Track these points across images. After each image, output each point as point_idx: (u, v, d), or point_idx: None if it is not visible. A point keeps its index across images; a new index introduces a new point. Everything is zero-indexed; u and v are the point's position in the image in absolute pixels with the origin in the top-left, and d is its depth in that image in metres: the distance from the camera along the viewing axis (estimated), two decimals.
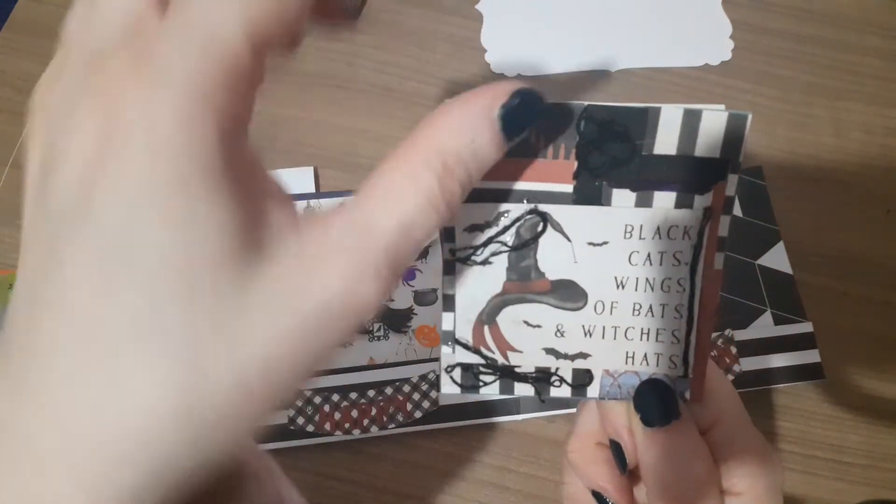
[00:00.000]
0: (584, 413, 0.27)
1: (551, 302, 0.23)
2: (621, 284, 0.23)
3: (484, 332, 0.24)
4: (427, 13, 0.54)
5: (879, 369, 0.43)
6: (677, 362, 0.23)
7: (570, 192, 0.22)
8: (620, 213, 0.22)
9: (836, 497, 0.40)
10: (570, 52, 0.53)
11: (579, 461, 0.26)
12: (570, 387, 0.24)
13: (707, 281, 0.22)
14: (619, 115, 0.21)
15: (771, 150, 0.49)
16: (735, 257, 0.44)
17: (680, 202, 0.22)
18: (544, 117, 0.21)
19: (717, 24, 0.54)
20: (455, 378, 0.24)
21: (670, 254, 0.22)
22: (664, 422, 0.23)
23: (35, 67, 0.52)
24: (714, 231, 0.22)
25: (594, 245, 0.22)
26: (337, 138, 0.50)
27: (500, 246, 0.22)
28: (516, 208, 0.22)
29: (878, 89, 0.51)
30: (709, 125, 0.21)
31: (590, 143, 0.21)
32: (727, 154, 0.21)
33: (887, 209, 0.47)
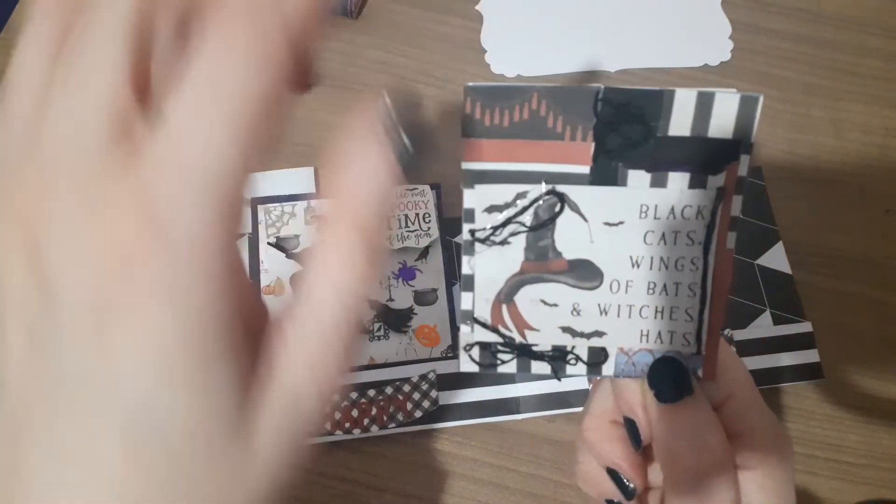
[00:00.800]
0: (598, 392, 0.27)
1: (568, 281, 0.23)
2: (636, 263, 0.23)
3: (502, 311, 0.24)
4: (427, 13, 0.54)
5: (878, 369, 0.43)
6: (690, 340, 0.24)
7: (587, 174, 0.22)
8: (636, 194, 0.22)
9: (836, 496, 0.40)
10: (569, 53, 0.53)
11: (594, 439, 0.27)
12: (585, 365, 0.24)
13: (720, 260, 0.23)
14: (634, 97, 0.21)
15: (771, 151, 0.49)
16: (734, 257, 0.44)
17: (694, 182, 0.22)
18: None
19: (717, 24, 0.54)
20: (473, 356, 0.24)
21: (684, 233, 0.23)
22: (677, 398, 0.23)
23: None
24: (727, 211, 0.23)
25: (610, 225, 0.23)
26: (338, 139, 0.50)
27: (519, 226, 0.23)
28: (534, 189, 0.22)
29: (877, 89, 0.51)
30: (721, 107, 0.21)
31: (606, 124, 0.21)
32: (739, 135, 0.22)
33: (887, 209, 0.47)
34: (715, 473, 0.23)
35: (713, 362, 0.24)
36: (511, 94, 0.21)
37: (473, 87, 0.21)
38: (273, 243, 0.45)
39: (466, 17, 0.54)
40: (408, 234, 0.45)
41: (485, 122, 0.22)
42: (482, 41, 0.53)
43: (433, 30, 0.54)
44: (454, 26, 0.54)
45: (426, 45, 0.53)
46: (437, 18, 0.54)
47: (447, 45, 0.53)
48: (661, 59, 0.52)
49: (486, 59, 0.53)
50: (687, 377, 0.24)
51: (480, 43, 0.53)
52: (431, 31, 0.54)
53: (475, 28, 0.54)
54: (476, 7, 0.55)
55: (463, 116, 0.22)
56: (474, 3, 0.55)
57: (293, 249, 0.45)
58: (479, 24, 0.54)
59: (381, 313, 0.43)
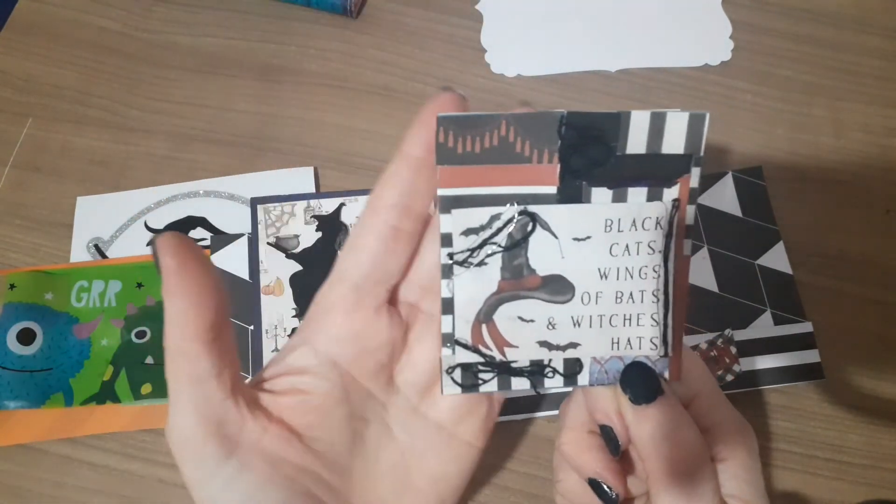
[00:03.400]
0: (572, 406, 0.28)
1: (542, 296, 0.25)
2: (604, 275, 0.24)
3: (482, 330, 0.25)
4: (427, 13, 0.54)
5: (879, 369, 0.43)
6: (657, 343, 0.25)
7: (555, 193, 0.24)
8: (600, 209, 0.24)
9: (836, 497, 0.40)
10: (570, 53, 0.53)
11: (573, 451, 0.27)
12: (562, 377, 0.25)
13: (678, 266, 0.25)
14: (595, 120, 0.23)
15: (771, 150, 0.49)
16: (735, 257, 0.44)
17: (651, 195, 0.24)
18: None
19: (717, 24, 0.54)
20: (456, 378, 0.25)
21: (645, 243, 0.24)
22: (650, 398, 0.25)
23: (35, 67, 0.52)
24: (682, 220, 0.24)
25: (578, 240, 0.24)
26: (337, 139, 0.50)
27: (495, 247, 0.24)
28: (507, 211, 0.24)
29: (878, 89, 0.51)
30: (673, 125, 0.23)
31: (570, 147, 0.23)
32: (690, 150, 0.23)
33: (887, 209, 0.47)
34: (696, 465, 0.25)
35: (678, 363, 0.25)
36: (481, 123, 0.23)
37: (444, 116, 0.23)
38: (272, 243, 0.45)
39: (466, 16, 0.54)
40: None
41: (457, 149, 0.23)
42: (482, 41, 0.53)
43: (433, 30, 0.54)
44: (454, 26, 0.54)
45: (426, 45, 0.53)
46: (437, 18, 0.54)
47: (447, 44, 0.53)
48: (662, 58, 0.52)
49: (486, 58, 0.53)
50: (657, 379, 0.25)
51: (480, 43, 0.53)
52: (431, 30, 0.54)
53: (475, 28, 0.54)
54: (476, 7, 0.55)
55: (436, 145, 0.23)
56: (474, 3, 0.55)
57: (292, 249, 0.45)
58: (479, 23, 0.54)
59: None
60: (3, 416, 0.41)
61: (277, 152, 0.49)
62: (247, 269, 0.44)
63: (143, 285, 0.44)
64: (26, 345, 0.42)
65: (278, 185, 0.47)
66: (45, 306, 0.43)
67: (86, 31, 0.54)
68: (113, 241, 0.46)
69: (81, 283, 0.44)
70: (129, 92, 0.51)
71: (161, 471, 0.40)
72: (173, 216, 0.47)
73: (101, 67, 0.52)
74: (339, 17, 0.54)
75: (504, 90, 0.51)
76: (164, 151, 0.49)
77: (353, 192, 0.46)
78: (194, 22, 0.54)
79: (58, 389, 0.41)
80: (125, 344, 0.43)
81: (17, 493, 0.40)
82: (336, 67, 0.52)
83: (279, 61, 0.52)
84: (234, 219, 0.47)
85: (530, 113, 0.23)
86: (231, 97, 0.51)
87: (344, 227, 0.45)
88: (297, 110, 0.51)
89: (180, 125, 0.50)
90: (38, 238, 0.47)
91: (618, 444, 0.26)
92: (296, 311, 0.43)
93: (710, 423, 0.26)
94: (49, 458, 0.41)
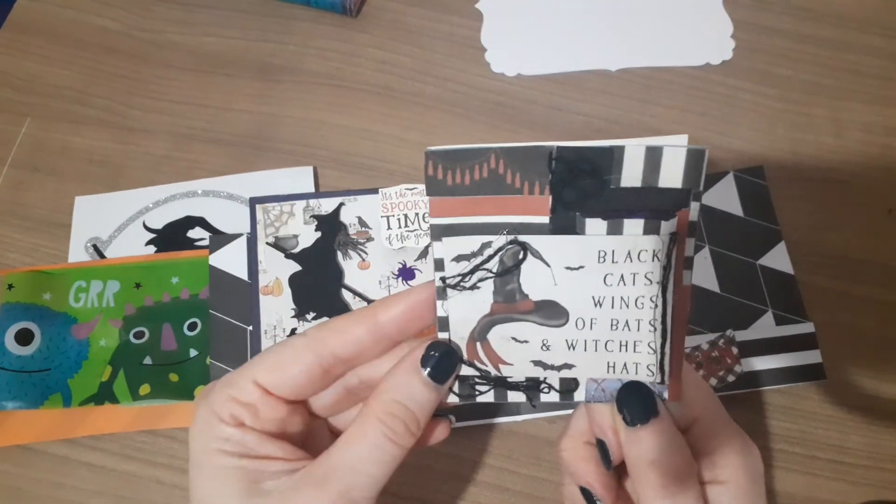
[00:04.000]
0: (576, 414, 0.29)
1: (536, 320, 0.25)
2: (599, 303, 0.24)
3: (476, 348, 0.26)
4: (427, 13, 0.54)
5: (881, 370, 0.42)
6: (654, 370, 0.25)
7: (547, 223, 0.24)
8: (594, 241, 0.24)
9: (838, 498, 0.40)
10: (570, 52, 0.53)
11: (569, 459, 0.28)
12: (558, 393, 0.26)
13: (678, 296, 0.24)
14: (586, 154, 0.23)
15: (772, 150, 0.49)
16: (736, 257, 0.44)
17: (648, 228, 0.24)
18: (461, 364, 0.26)
19: (719, 23, 0.53)
20: (453, 389, 0.26)
21: (642, 274, 0.24)
22: (644, 420, 0.25)
23: (35, 67, 0.52)
24: (681, 252, 0.24)
25: (571, 269, 0.24)
26: (337, 138, 0.50)
27: (486, 273, 0.25)
28: (498, 240, 0.24)
29: (878, 89, 0.51)
30: (670, 160, 0.23)
31: (561, 180, 0.23)
32: (688, 184, 0.23)
33: (889, 209, 0.47)
34: (681, 489, 0.25)
35: (678, 385, 0.25)
36: (470, 156, 0.23)
37: (433, 151, 0.23)
38: (272, 243, 0.45)
39: (466, 16, 0.54)
40: (407, 234, 0.45)
41: (447, 181, 0.24)
42: (482, 40, 0.53)
43: (433, 29, 0.54)
44: (454, 25, 0.54)
45: (426, 45, 0.53)
46: (437, 17, 0.54)
47: (447, 44, 0.53)
48: (663, 58, 0.52)
49: (485, 58, 0.52)
50: (653, 400, 0.25)
51: (480, 42, 0.53)
52: (431, 30, 0.54)
53: (475, 27, 0.54)
54: (476, 6, 0.54)
55: (426, 178, 0.24)
56: (474, 2, 0.55)
57: (291, 249, 0.45)
58: (479, 23, 0.54)
59: None
60: (1, 416, 0.41)
61: (277, 152, 0.49)
62: (245, 269, 0.44)
63: (142, 285, 0.44)
64: (24, 345, 0.42)
65: (277, 184, 0.47)
66: (43, 306, 0.43)
67: (86, 31, 0.54)
68: (111, 241, 0.46)
69: (80, 284, 0.44)
70: (128, 92, 0.51)
71: (159, 471, 0.40)
72: (172, 216, 0.47)
73: (100, 67, 0.52)
74: (338, 17, 0.54)
75: (504, 90, 0.51)
76: (163, 151, 0.49)
77: (353, 191, 0.46)
78: (194, 22, 0.54)
79: (56, 390, 0.41)
80: (123, 344, 0.43)
81: (16, 494, 0.40)
82: (336, 67, 0.52)
83: (279, 61, 0.52)
84: (232, 218, 0.46)
85: (520, 146, 0.23)
86: (230, 97, 0.51)
87: (343, 226, 0.45)
88: (296, 110, 0.51)
89: (179, 125, 0.50)
90: (37, 238, 0.46)
91: (610, 460, 0.27)
92: (295, 311, 0.43)
93: (712, 446, 0.26)
94: (47, 459, 0.41)
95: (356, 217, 0.45)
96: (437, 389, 0.25)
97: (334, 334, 0.26)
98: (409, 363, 0.26)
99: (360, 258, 0.44)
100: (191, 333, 0.43)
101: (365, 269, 0.44)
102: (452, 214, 0.24)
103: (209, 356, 0.42)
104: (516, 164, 0.23)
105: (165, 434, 0.41)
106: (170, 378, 0.42)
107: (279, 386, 0.26)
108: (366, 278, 0.44)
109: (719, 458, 0.26)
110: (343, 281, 0.44)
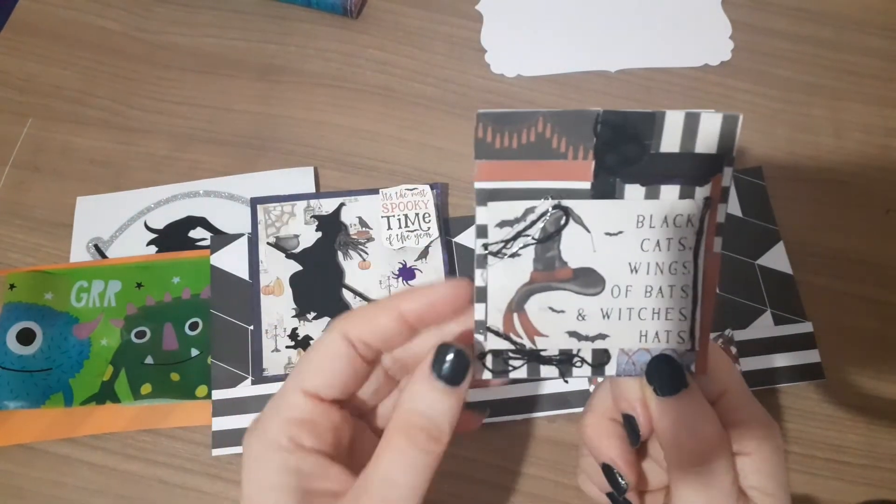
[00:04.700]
0: (599, 392, 0.29)
1: (573, 288, 0.25)
2: (635, 269, 0.25)
3: (513, 319, 0.26)
4: (427, 13, 0.54)
5: (879, 369, 0.43)
6: (685, 337, 0.26)
7: (589, 189, 0.24)
8: (633, 205, 0.24)
9: (836, 497, 0.40)
10: (570, 52, 0.53)
11: (592, 435, 0.28)
12: (590, 366, 0.26)
13: (708, 262, 0.25)
14: (630, 119, 0.24)
15: (771, 150, 0.49)
16: (735, 257, 0.44)
17: (683, 193, 0.24)
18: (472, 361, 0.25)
19: (717, 24, 0.54)
20: (487, 364, 0.26)
21: (676, 240, 0.25)
22: (674, 391, 0.25)
23: (35, 67, 0.52)
24: (713, 218, 0.25)
25: (610, 235, 0.25)
26: (337, 138, 0.50)
27: (528, 239, 0.25)
28: (542, 205, 0.25)
29: (878, 89, 0.51)
30: (706, 125, 0.24)
31: (605, 144, 0.24)
32: (722, 150, 0.24)
33: (887, 209, 0.47)
34: (714, 457, 0.25)
35: (705, 358, 0.26)
36: (519, 119, 0.24)
37: (484, 113, 0.23)
38: (272, 243, 0.45)
39: (466, 17, 0.54)
40: (408, 234, 0.45)
41: (495, 144, 0.24)
42: (482, 41, 0.53)
43: (433, 30, 0.54)
44: (454, 26, 0.54)
45: (426, 45, 0.53)
46: (437, 18, 0.54)
47: (447, 45, 0.53)
48: (662, 58, 0.52)
49: (485, 58, 0.53)
50: (682, 372, 0.26)
51: (480, 43, 0.53)
52: (431, 31, 0.54)
53: (475, 28, 0.54)
54: (476, 7, 0.55)
55: (475, 140, 0.24)
56: (474, 3, 0.55)
57: (292, 249, 0.45)
58: (479, 24, 0.54)
59: None
60: (2, 416, 0.41)
61: (277, 152, 0.49)
62: (247, 269, 0.44)
63: (143, 285, 0.44)
64: (26, 345, 0.42)
65: (278, 185, 0.47)
66: (44, 306, 0.43)
67: (86, 31, 0.54)
68: (113, 241, 0.46)
69: (81, 283, 0.44)
70: (129, 92, 0.51)
71: (161, 471, 0.40)
72: (173, 216, 0.47)
73: (101, 67, 0.52)
74: (338, 18, 0.54)
75: (504, 90, 0.51)
76: (164, 151, 0.49)
77: (353, 191, 0.46)
78: (194, 22, 0.54)
79: (57, 389, 0.41)
80: (125, 344, 0.43)
81: (17, 493, 0.40)
82: (336, 67, 0.52)
83: (279, 61, 0.52)
84: (233, 219, 0.47)
85: (567, 111, 0.23)
86: (231, 97, 0.51)
87: (344, 226, 0.45)
88: (296, 110, 0.51)
89: (180, 125, 0.50)
90: (38, 238, 0.47)
91: (638, 435, 0.27)
92: (295, 310, 0.43)
93: (737, 419, 0.27)
94: (49, 458, 0.41)
95: (357, 217, 0.46)
96: (453, 392, 0.25)
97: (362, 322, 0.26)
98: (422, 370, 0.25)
99: (360, 258, 0.45)
100: (192, 333, 0.43)
101: (365, 269, 0.44)
102: (499, 178, 0.24)
103: (210, 356, 0.42)
104: (563, 128, 0.24)
105: (167, 433, 0.41)
106: (171, 377, 0.42)
107: (328, 387, 0.26)
108: (366, 278, 0.44)
109: (745, 431, 0.27)
110: (344, 281, 0.44)
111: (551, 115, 0.24)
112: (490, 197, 0.25)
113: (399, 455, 0.24)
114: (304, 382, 0.26)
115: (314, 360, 0.26)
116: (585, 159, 0.24)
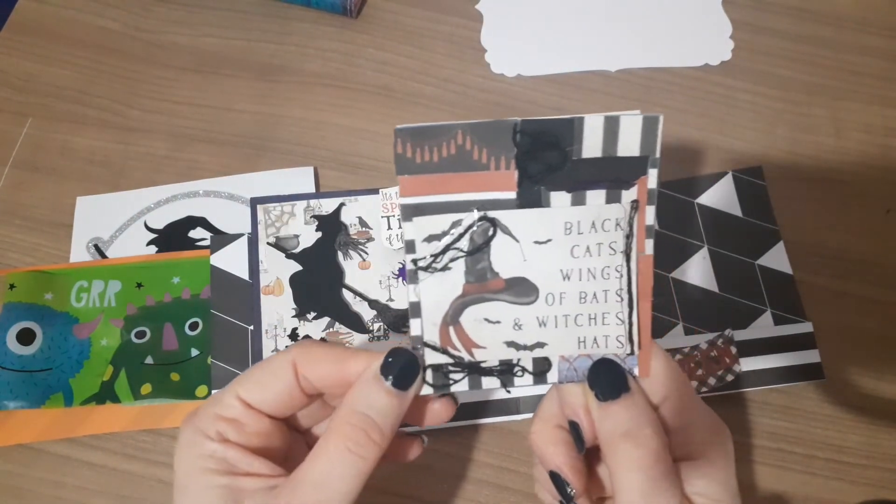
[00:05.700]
0: (547, 399, 0.29)
1: (507, 298, 0.25)
2: (567, 276, 0.25)
3: (449, 332, 0.26)
4: (427, 13, 0.54)
5: (879, 369, 0.43)
6: (623, 341, 0.26)
7: (514, 198, 0.25)
8: (560, 213, 0.25)
9: (836, 497, 0.40)
10: (570, 52, 0.53)
11: (539, 443, 0.28)
12: (531, 375, 0.26)
13: (641, 265, 0.25)
14: (548, 126, 0.24)
15: (771, 150, 0.49)
16: (735, 257, 0.44)
17: (610, 197, 0.25)
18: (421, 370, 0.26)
19: (718, 23, 0.54)
20: (427, 379, 0.26)
21: (606, 244, 0.25)
22: (615, 395, 0.25)
23: (35, 67, 0.52)
24: (642, 220, 0.25)
25: (540, 243, 0.25)
26: (337, 138, 0.50)
27: (457, 252, 0.25)
28: (468, 217, 0.25)
29: (878, 89, 0.51)
30: (627, 128, 0.24)
31: (526, 153, 0.24)
32: (646, 152, 0.24)
33: (887, 209, 0.47)
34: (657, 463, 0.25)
35: (647, 360, 0.26)
36: (437, 133, 0.24)
37: (401, 128, 0.24)
38: (272, 243, 0.45)
39: (466, 16, 0.54)
40: None
41: (416, 159, 0.24)
42: (482, 41, 0.53)
43: (433, 30, 0.54)
44: (454, 26, 0.54)
45: (426, 45, 0.53)
46: (437, 18, 0.54)
47: (447, 44, 0.53)
48: (662, 58, 0.52)
49: (486, 58, 0.53)
50: (623, 375, 0.26)
51: (480, 43, 0.53)
52: (431, 30, 0.54)
53: (475, 28, 0.54)
54: (476, 7, 0.55)
55: (395, 156, 0.24)
56: (474, 3, 0.55)
57: (292, 249, 0.45)
58: (479, 23, 0.54)
59: (380, 313, 0.43)
60: (2, 416, 0.41)
61: (277, 152, 0.49)
62: (246, 269, 0.44)
63: (143, 285, 0.44)
64: (26, 345, 0.42)
65: (278, 184, 0.47)
66: (44, 306, 0.43)
67: (86, 31, 0.54)
68: (113, 241, 0.46)
69: (81, 283, 0.44)
70: (128, 92, 0.51)
71: (161, 471, 0.40)
72: (173, 216, 0.47)
73: (100, 67, 0.52)
74: (338, 17, 0.54)
75: (504, 90, 0.51)
76: (163, 151, 0.49)
77: (353, 191, 0.46)
78: (194, 22, 0.54)
79: (57, 389, 0.41)
80: (125, 344, 0.43)
81: (17, 493, 0.40)
82: (336, 67, 0.52)
83: (279, 61, 0.52)
84: (233, 219, 0.47)
85: (485, 122, 0.24)
86: (231, 97, 0.51)
87: (344, 226, 0.45)
88: (296, 110, 0.51)
89: (180, 125, 0.50)
90: (38, 238, 0.47)
91: (583, 441, 0.27)
92: (295, 310, 0.43)
93: (682, 423, 0.26)
94: (49, 458, 0.41)
95: (357, 217, 0.46)
96: (399, 396, 0.26)
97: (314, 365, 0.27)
98: (369, 373, 0.26)
99: (360, 258, 0.45)
100: (192, 333, 0.43)
101: (365, 269, 0.44)
102: (422, 193, 0.24)
103: (210, 356, 0.42)
104: (482, 140, 0.24)
105: (167, 433, 0.41)
106: (171, 377, 0.42)
107: (262, 402, 0.27)
108: (366, 278, 0.44)
109: (691, 435, 0.27)
110: (344, 281, 0.44)
111: (469, 126, 0.24)
112: (415, 212, 0.25)
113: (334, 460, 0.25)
114: (241, 390, 0.27)
115: (258, 375, 0.27)
116: (508, 169, 0.24)
